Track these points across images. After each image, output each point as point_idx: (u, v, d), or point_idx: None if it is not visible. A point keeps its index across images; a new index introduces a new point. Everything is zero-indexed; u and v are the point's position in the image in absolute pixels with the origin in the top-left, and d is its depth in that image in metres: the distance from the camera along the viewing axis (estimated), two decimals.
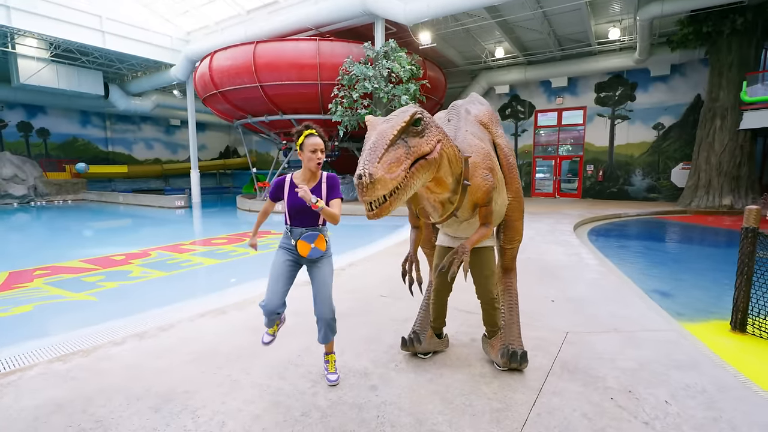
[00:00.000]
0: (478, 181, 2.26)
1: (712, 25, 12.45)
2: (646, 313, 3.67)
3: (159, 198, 17.95)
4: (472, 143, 2.36)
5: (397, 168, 1.68)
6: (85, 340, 3.15)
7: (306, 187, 2.23)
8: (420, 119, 1.83)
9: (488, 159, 2.36)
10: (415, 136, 1.82)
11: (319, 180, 2.44)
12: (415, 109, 1.85)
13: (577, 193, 18.18)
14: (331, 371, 2.48)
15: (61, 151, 23.23)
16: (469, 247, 2.27)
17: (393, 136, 1.72)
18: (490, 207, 2.33)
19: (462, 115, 2.62)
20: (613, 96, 16.97)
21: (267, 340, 2.59)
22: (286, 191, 2.41)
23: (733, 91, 12.56)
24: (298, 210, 2.38)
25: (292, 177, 2.44)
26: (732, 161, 12.81)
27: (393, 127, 1.76)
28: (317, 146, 2.33)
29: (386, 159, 1.66)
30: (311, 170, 2.38)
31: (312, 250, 2.38)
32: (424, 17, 12.04)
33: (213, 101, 16.24)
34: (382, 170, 1.61)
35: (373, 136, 1.75)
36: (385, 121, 1.83)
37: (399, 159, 1.71)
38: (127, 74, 21.71)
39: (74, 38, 15.38)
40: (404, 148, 1.75)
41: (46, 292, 5.09)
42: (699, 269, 6.41)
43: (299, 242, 2.37)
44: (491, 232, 2.44)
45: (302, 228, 2.40)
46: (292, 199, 2.38)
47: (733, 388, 2.38)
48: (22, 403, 2.26)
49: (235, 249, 7.97)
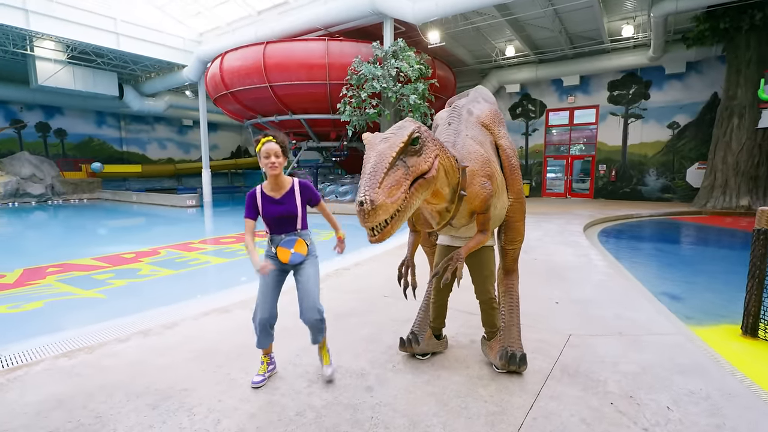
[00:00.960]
0: (476, 190, 2.23)
1: (729, 21, 12.13)
2: (654, 316, 3.59)
3: (171, 197, 18.23)
4: (472, 150, 2.33)
5: (397, 191, 1.67)
6: (91, 337, 3.21)
7: (343, 246, 2.52)
8: (418, 137, 1.80)
9: (487, 166, 2.32)
10: (414, 155, 1.79)
11: (290, 188, 2.42)
12: (413, 126, 1.82)
13: (589, 193, 17.90)
14: (326, 363, 2.50)
15: (77, 150, 23.77)
16: (464, 254, 2.27)
17: (392, 158, 1.69)
18: (487, 214, 2.31)
19: (463, 117, 2.58)
20: (627, 94, 16.66)
21: (257, 380, 2.40)
22: (260, 202, 2.39)
23: (752, 89, 12.21)
24: (276, 219, 2.39)
25: (261, 189, 2.42)
26: (750, 161, 12.46)
27: (391, 147, 1.73)
28: (269, 151, 2.29)
29: (386, 183, 1.64)
30: (272, 177, 2.36)
31: (292, 255, 2.39)
32: (433, 16, 11.98)
33: (224, 101, 16.43)
34: (383, 195, 1.60)
35: (372, 158, 1.72)
36: (382, 141, 1.79)
37: (399, 181, 1.69)
38: (141, 75, 22.09)
39: (90, 40, 15.70)
40: (403, 169, 1.73)
41: (57, 289, 5.21)
42: (712, 272, 6.25)
43: (279, 249, 2.39)
44: (488, 238, 2.42)
45: (281, 235, 2.41)
46: (266, 209, 2.38)
47: (740, 395, 2.31)
48: (26, 398, 2.32)
49: (242, 248, 8.04)
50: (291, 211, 2.40)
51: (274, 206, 2.38)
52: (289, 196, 2.42)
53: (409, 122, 1.88)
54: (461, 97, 3.25)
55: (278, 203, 2.39)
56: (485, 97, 3.06)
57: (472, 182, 2.22)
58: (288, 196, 2.41)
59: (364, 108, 12.74)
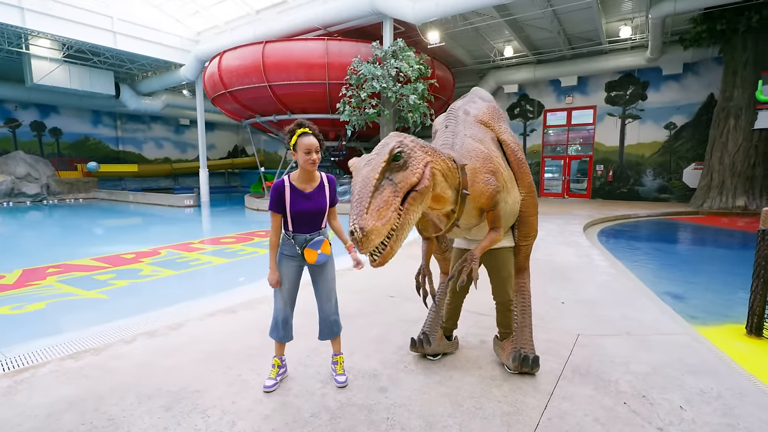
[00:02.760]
0: (481, 187, 2.18)
1: (726, 22, 12.22)
2: (659, 317, 3.61)
3: (168, 197, 18.14)
4: (471, 148, 2.28)
5: (387, 211, 1.62)
6: (96, 338, 3.18)
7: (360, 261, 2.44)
8: (400, 153, 1.74)
9: (489, 162, 2.27)
10: (399, 170, 1.74)
11: (320, 182, 2.36)
12: (394, 142, 1.77)
13: (586, 193, 17.99)
14: (339, 372, 2.46)
15: (73, 150, 23.57)
16: (479, 254, 2.23)
17: (375, 180, 1.65)
18: (497, 211, 2.26)
19: (460, 118, 2.53)
20: (624, 95, 16.75)
21: (269, 384, 2.36)
22: (288, 197, 2.28)
23: (748, 90, 12.32)
24: (303, 216, 2.29)
25: (290, 180, 2.31)
26: (746, 161, 12.57)
27: (374, 169, 1.69)
28: (311, 146, 2.20)
29: (374, 206, 1.60)
30: (308, 171, 2.28)
31: (319, 256, 2.33)
32: (432, 16, 11.99)
33: (222, 101, 16.36)
34: (372, 220, 1.56)
35: (357, 184, 1.68)
36: (366, 164, 1.75)
37: (387, 201, 1.64)
38: (138, 74, 21.95)
39: (86, 39, 15.57)
40: (390, 188, 1.68)
41: (58, 289, 5.16)
42: (712, 271, 6.30)
43: (306, 250, 2.31)
44: (502, 235, 2.37)
45: (305, 234, 2.32)
46: (296, 204, 2.27)
47: (751, 394, 2.33)
48: (35, 400, 2.29)
49: (243, 248, 8.01)
50: (320, 207, 2.32)
51: (304, 201, 2.28)
52: (319, 191, 2.33)
53: (392, 138, 1.83)
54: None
55: (307, 198, 2.30)
56: (482, 97, 3.00)
57: (475, 180, 2.17)
58: (318, 191, 2.32)
59: (364, 108, 12.73)
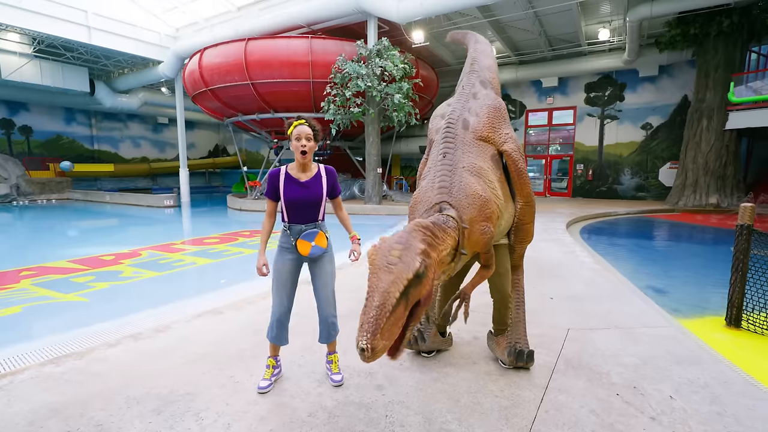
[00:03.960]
0: (477, 236, 2.14)
1: (699, 26, 12.69)
2: (644, 310, 3.70)
3: (147, 197, 17.64)
4: (469, 191, 2.16)
5: (396, 328, 1.57)
6: (78, 342, 3.06)
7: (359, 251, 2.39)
8: (424, 271, 1.63)
9: (486, 208, 2.18)
10: (415, 285, 1.64)
11: (317, 173, 2.35)
12: (420, 261, 1.63)
13: (567, 192, 18.38)
14: (335, 371, 2.44)
15: (44, 149, 22.68)
16: (470, 292, 2.27)
17: (395, 299, 1.54)
18: (490, 252, 2.28)
19: (458, 139, 2.39)
20: (603, 96, 17.18)
21: (264, 385, 2.31)
22: (282, 184, 2.29)
23: (720, 92, 12.80)
24: (297, 204, 2.28)
25: (286, 169, 2.35)
26: (718, 161, 13.07)
27: (395, 283, 1.56)
28: (301, 133, 2.24)
29: (387, 326, 1.53)
30: (299, 160, 2.29)
31: (313, 248, 2.29)
32: (417, 16, 12.03)
33: (203, 99, 16.01)
34: (383, 341, 1.50)
35: (376, 296, 1.54)
36: (387, 270, 1.59)
37: (398, 320, 1.57)
38: (114, 71, 21.29)
39: (58, 33, 14.98)
40: (404, 304, 1.60)
41: (34, 293, 4.95)
42: (689, 266, 6.52)
43: (299, 241, 2.28)
44: (492, 272, 2.36)
45: (301, 225, 2.31)
46: (290, 192, 2.28)
47: (735, 383, 2.41)
48: (15, 407, 2.18)
49: (228, 248, 7.85)
50: (316, 196, 2.30)
51: (298, 189, 2.28)
52: (316, 180, 2.33)
53: (415, 239, 1.72)
54: (462, 41, 3.49)
55: (303, 186, 2.30)
56: (483, 78, 2.90)
57: (472, 229, 2.11)
58: (314, 180, 2.32)
59: (349, 107, 12.66)
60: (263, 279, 2.43)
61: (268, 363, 2.41)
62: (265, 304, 3.85)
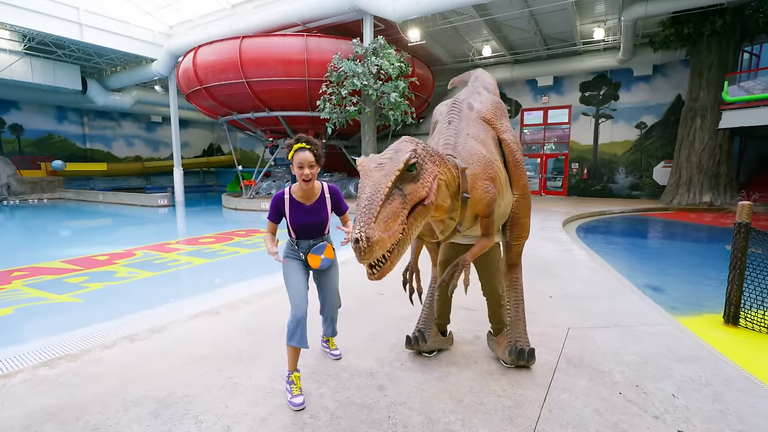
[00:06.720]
0: (479, 194, 2.16)
1: (692, 26, 12.78)
2: (643, 308, 3.71)
3: (141, 196, 17.47)
4: (473, 151, 2.24)
5: (394, 223, 1.56)
6: (72, 344, 3.01)
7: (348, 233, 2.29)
8: (415, 163, 1.68)
9: (490, 168, 2.24)
10: (411, 181, 1.67)
11: (321, 195, 2.35)
12: (409, 152, 1.68)
13: (562, 190, 18.45)
14: (333, 348, 2.73)
15: (35, 147, 22.40)
16: (470, 259, 2.23)
17: (388, 188, 1.57)
18: (491, 218, 2.25)
19: (463, 114, 2.52)
20: (598, 95, 17.26)
21: (300, 401, 2.12)
22: (287, 208, 2.29)
23: (713, 92, 12.91)
24: (304, 227, 2.32)
25: (290, 192, 2.32)
26: (711, 159, 13.18)
27: (387, 176, 1.60)
28: (303, 161, 2.17)
29: (382, 216, 1.53)
30: (302, 187, 2.27)
31: (323, 261, 2.36)
32: (412, 14, 12.00)
33: (197, 97, 15.87)
34: (379, 231, 1.50)
35: (367, 188, 1.58)
36: (377, 168, 1.66)
37: (395, 213, 1.58)
38: (106, 69, 21.05)
39: (50, 30, 14.78)
40: (400, 199, 1.61)
41: (26, 294, 4.86)
42: (685, 264, 6.56)
43: (309, 256, 2.34)
44: (493, 241, 2.36)
45: (309, 240, 2.35)
46: (295, 217, 2.29)
47: (736, 381, 2.41)
48: (8, 411, 2.13)
49: (224, 248, 7.79)
50: (321, 220, 2.34)
51: (304, 215, 2.30)
52: (320, 204, 2.34)
53: (406, 143, 1.77)
54: (463, 80, 3.26)
55: (308, 212, 2.31)
56: (486, 85, 2.99)
57: (475, 186, 2.14)
58: (318, 204, 2.33)
59: (344, 105, 12.61)
60: (260, 279, 2.43)
61: (293, 378, 2.21)
62: (262, 304, 3.82)
